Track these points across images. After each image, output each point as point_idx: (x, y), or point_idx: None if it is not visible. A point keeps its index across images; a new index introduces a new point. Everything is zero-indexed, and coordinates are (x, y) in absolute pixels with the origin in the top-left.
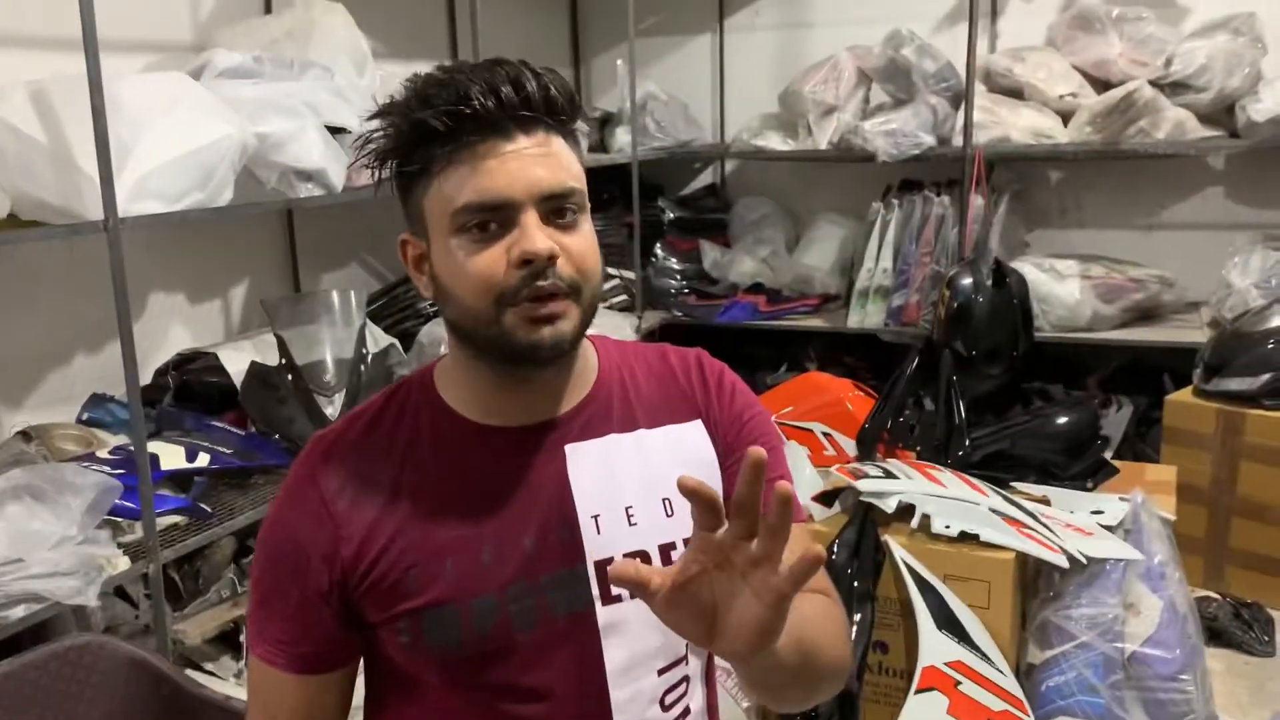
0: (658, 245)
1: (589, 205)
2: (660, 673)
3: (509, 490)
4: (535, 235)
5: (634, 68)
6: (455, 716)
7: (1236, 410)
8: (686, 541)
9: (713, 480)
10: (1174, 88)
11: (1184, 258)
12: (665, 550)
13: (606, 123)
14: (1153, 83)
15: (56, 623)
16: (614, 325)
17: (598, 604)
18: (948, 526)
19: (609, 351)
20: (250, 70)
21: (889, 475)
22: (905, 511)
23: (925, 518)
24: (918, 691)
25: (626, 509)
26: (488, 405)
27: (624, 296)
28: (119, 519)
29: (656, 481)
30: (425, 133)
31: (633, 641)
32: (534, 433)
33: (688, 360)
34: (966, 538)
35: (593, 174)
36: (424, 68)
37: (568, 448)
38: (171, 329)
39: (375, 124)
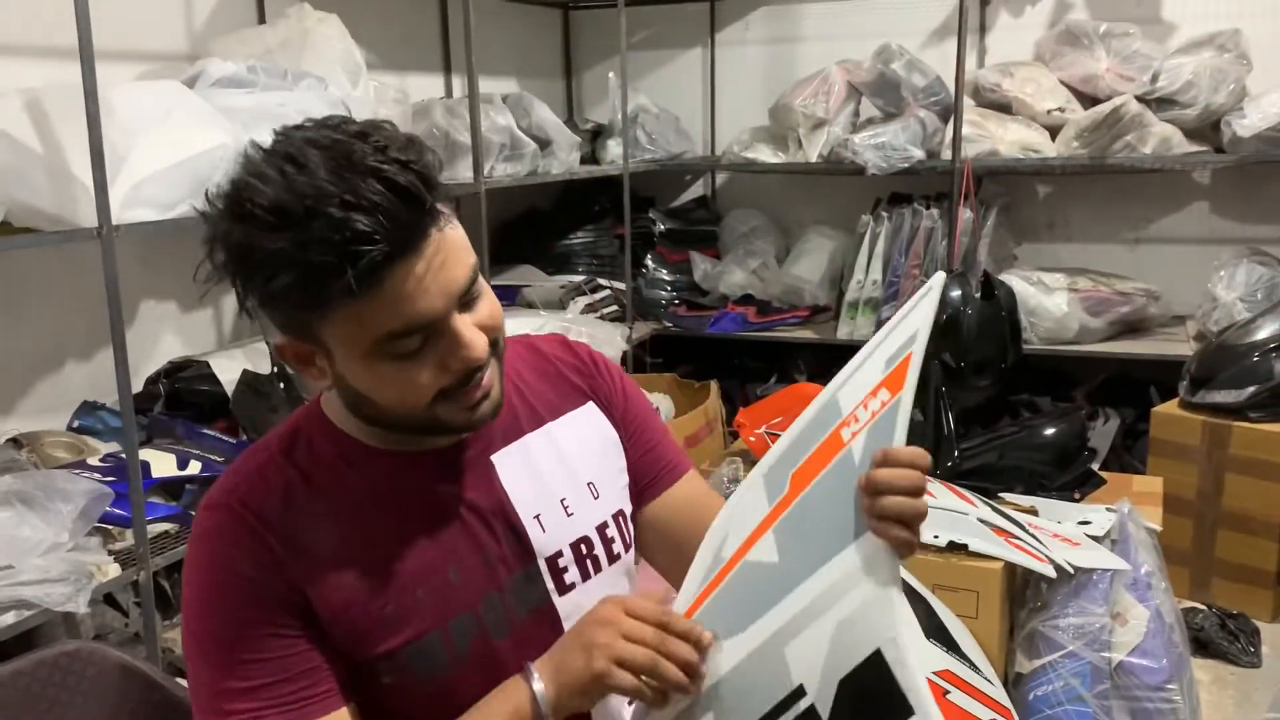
0: (648, 256)
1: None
2: None
3: (452, 509)
4: (472, 342)
5: (626, 81)
6: None
7: (1222, 422)
8: (615, 515)
9: (618, 454)
10: (1160, 103)
11: (1170, 271)
12: (601, 530)
13: (598, 135)
14: (1139, 98)
15: (46, 630)
16: (605, 336)
17: (554, 596)
18: (936, 536)
19: None
20: (244, 80)
21: None
22: None
23: None
24: None
25: (561, 501)
26: (402, 437)
27: (615, 307)
28: (110, 526)
29: (576, 469)
30: (322, 279)
31: None
32: (457, 451)
33: (557, 347)
34: (955, 548)
35: (584, 185)
36: (417, 79)
37: (494, 458)
38: (163, 337)
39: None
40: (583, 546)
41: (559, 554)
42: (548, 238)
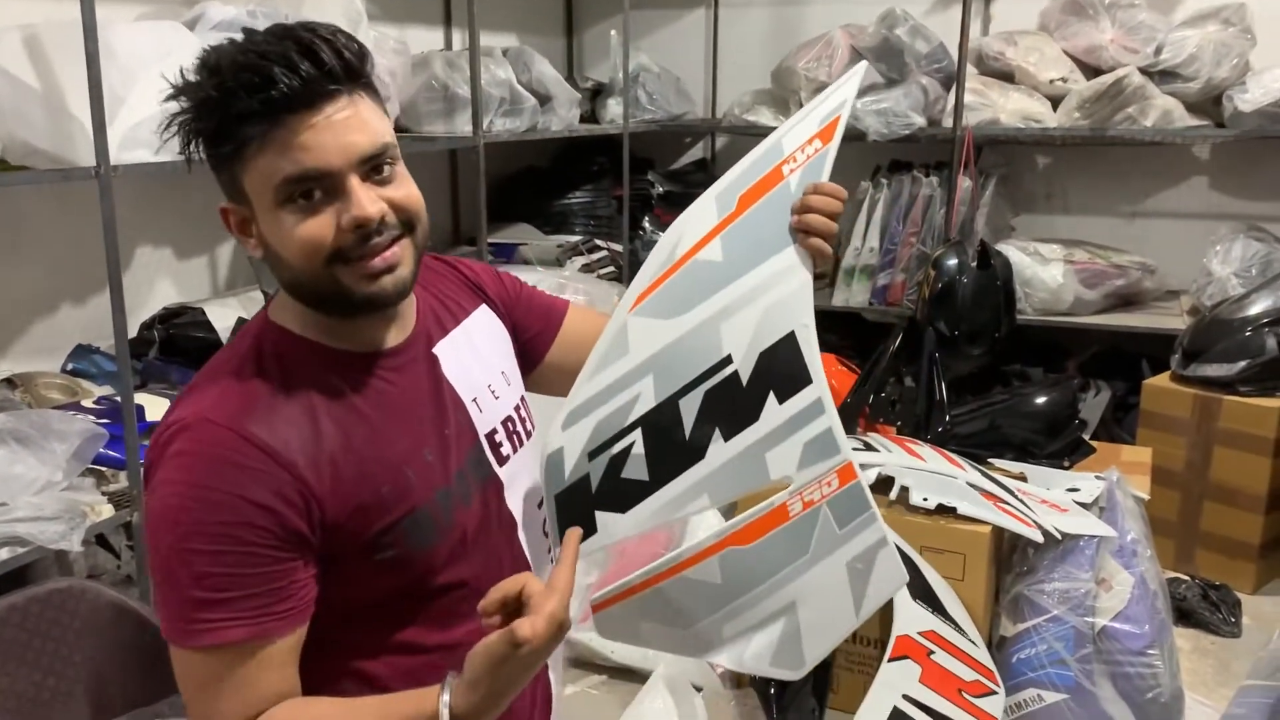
0: (645, 219)
1: (400, 154)
2: (539, 506)
3: (414, 399)
4: (363, 201)
5: (628, 39)
6: (407, 617)
7: (1213, 396)
8: (522, 399)
9: (509, 348)
10: (1163, 76)
11: (1166, 246)
12: (517, 410)
13: (598, 94)
14: (1142, 70)
15: (39, 568)
16: (602, 294)
17: (495, 467)
18: (925, 499)
19: None
20: (244, 24)
21: (869, 448)
22: (884, 483)
23: (904, 490)
24: (891, 659)
25: (488, 386)
26: (354, 336)
27: (611, 268)
28: (103, 469)
29: (490, 358)
30: (235, 117)
31: (523, 487)
32: (408, 347)
33: (440, 264)
34: (944, 510)
35: (583, 145)
36: (417, 31)
37: (435, 350)
38: (158, 283)
39: (176, 105)
40: (509, 424)
41: (494, 431)
42: (546, 196)
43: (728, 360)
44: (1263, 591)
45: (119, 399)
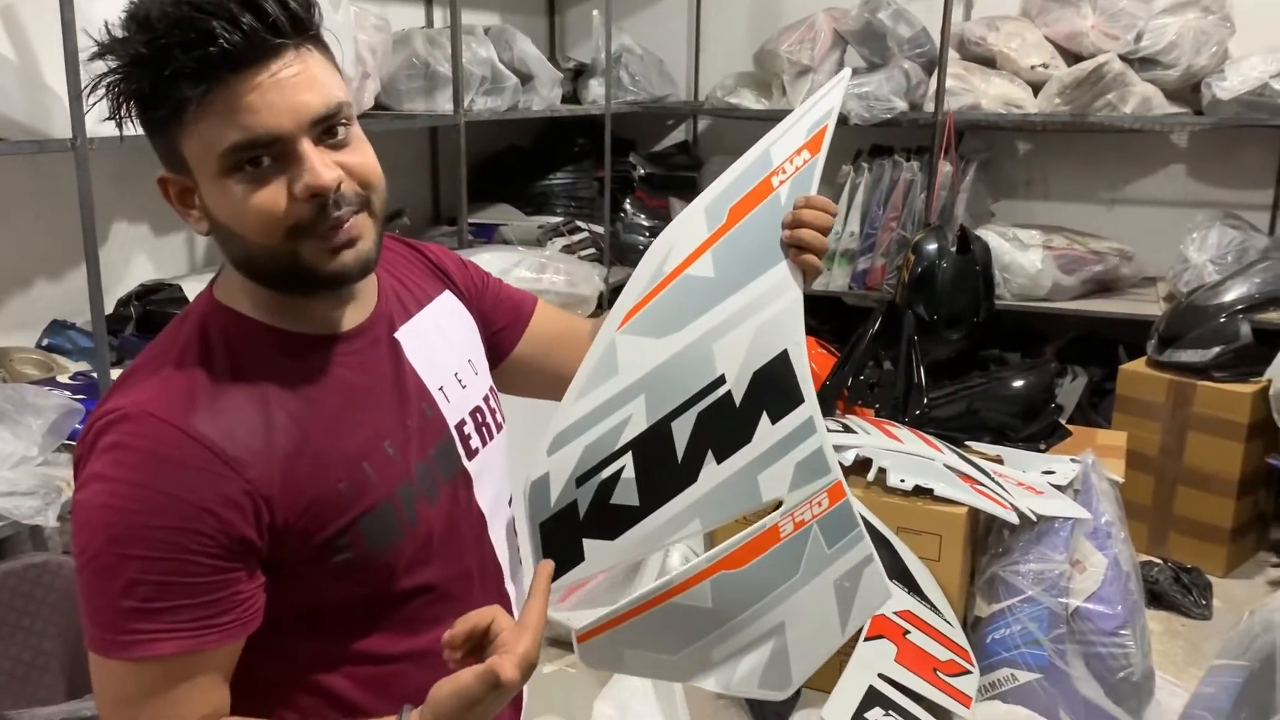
0: (627, 201)
1: (355, 115)
2: (509, 504)
3: (373, 387)
4: (318, 168)
5: (610, 20)
6: (369, 623)
7: (1188, 381)
8: (490, 389)
9: (476, 336)
10: (1142, 63)
11: (1143, 232)
12: (486, 400)
13: (580, 74)
14: (1122, 57)
15: (13, 544)
16: (583, 275)
17: (465, 461)
18: (903, 480)
19: None
20: None
21: (848, 430)
22: (862, 465)
23: (881, 471)
24: (867, 639)
25: (455, 375)
26: (308, 318)
27: (592, 250)
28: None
29: (457, 346)
30: (169, 77)
31: (493, 483)
32: (367, 331)
33: (404, 247)
34: (921, 492)
35: (564, 125)
36: (398, 8)
37: (397, 335)
38: (134, 259)
39: (102, 65)
40: (478, 415)
41: (462, 422)
42: (527, 177)
43: (721, 380)
44: (1234, 575)
45: (95, 375)
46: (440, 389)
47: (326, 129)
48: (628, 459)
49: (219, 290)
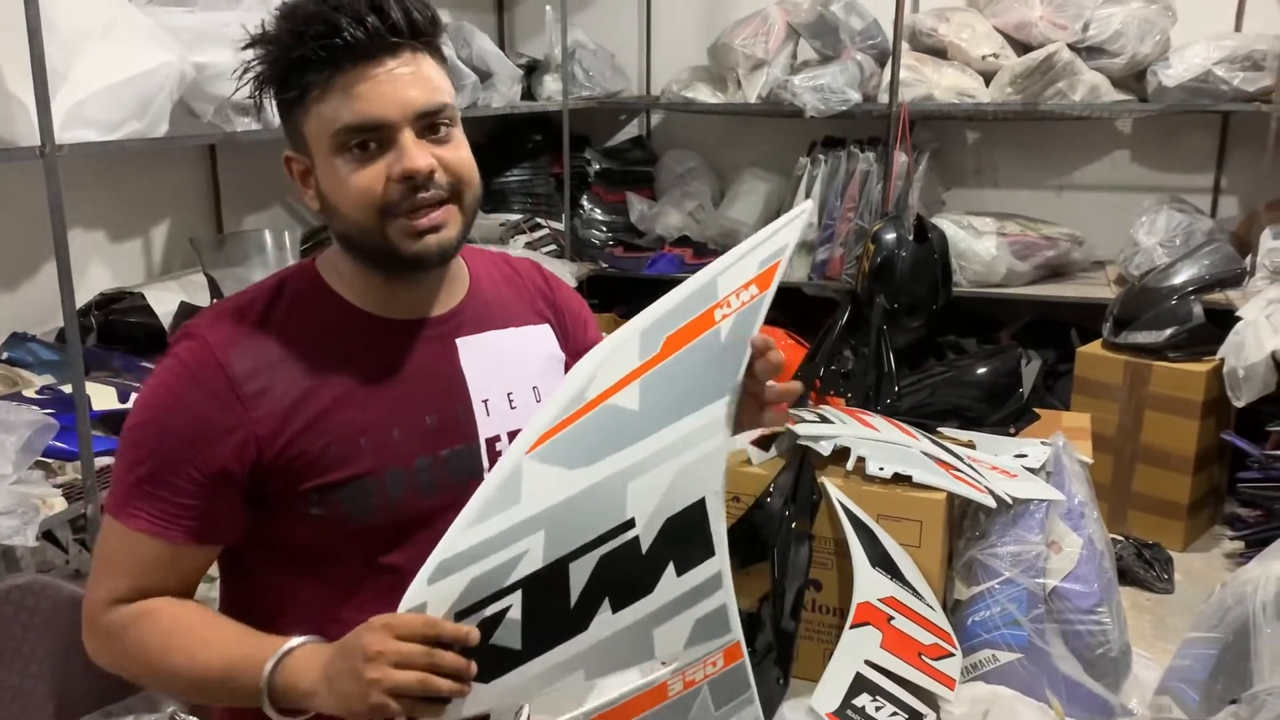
0: (584, 197)
1: (460, 118)
2: None
3: (410, 377)
4: (414, 153)
5: (565, 14)
6: (352, 587)
7: (1143, 362)
8: None
9: (559, 373)
10: (1089, 51)
11: (1092, 217)
12: None
13: (533, 70)
14: (1070, 46)
15: None
16: (551, 269)
17: (485, 472)
18: (882, 468)
19: (472, 256)
20: None
21: (824, 420)
22: (841, 454)
23: (860, 460)
24: (853, 626)
25: (508, 395)
26: (381, 300)
27: (553, 247)
28: (50, 460)
29: (527, 372)
30: (300, 63)
31: None
32: (428, 326)
33: (532, 270)
34: (899, 479)
35: (519, 121)
36: None
37: (459, 341)
38: (90, 267)
39: (251, 54)
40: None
41: (497, 438)
42: (483, 174)
43: (630, 524)
44: (1191, 549)
45: (63, 389)
46: (485, 401)
47: (430, 124)
48: (516, 597)
49: (320, 258)
